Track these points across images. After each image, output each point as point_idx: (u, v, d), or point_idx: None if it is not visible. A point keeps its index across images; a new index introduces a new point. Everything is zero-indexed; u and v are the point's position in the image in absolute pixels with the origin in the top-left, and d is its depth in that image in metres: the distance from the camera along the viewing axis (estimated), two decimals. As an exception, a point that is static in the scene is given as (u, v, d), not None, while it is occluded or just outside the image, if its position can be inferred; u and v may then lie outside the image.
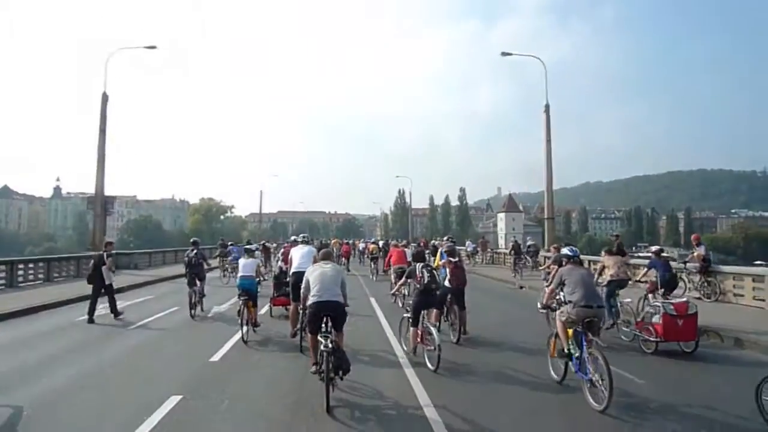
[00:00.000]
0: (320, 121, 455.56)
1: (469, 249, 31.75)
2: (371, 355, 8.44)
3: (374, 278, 21.34)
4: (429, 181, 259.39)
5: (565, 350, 6.35)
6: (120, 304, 12.55)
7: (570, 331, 6.37)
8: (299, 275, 7.92)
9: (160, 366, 7.93)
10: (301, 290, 6.79)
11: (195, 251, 13.16)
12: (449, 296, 9.55)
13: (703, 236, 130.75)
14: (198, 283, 12.62)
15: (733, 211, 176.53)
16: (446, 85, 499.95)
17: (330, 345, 5.84)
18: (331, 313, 6.38)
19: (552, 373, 6.85)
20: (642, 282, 10.94)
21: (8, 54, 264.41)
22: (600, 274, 10.62)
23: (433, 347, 7.26)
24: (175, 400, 5.99)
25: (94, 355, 8.70)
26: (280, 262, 13.61)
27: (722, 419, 5.54)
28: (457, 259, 10.03)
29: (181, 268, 15.07)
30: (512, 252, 24.94)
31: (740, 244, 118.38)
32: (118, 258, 20.73)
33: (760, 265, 28.63)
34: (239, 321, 9.42)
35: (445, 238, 12.43)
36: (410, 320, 8.03)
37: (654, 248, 11.41)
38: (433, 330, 7.44)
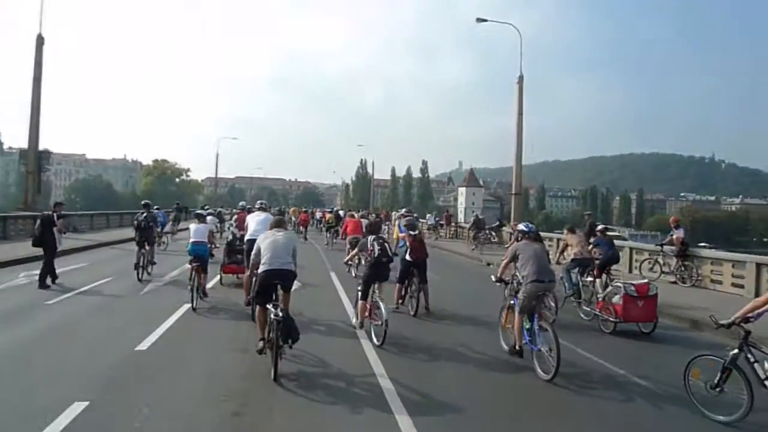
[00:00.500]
0: (282, 81, 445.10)
1: (430, 222, 31.67)
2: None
3: (330, 247, 21.62)
4: (390, 153, 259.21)
5: (517, 347, 6.54)
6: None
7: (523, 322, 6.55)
8: (254, 242, 7.48)
9: (74, 355, 6.43)
10: (252, 257, 6.71)
11: (145, 214, 12.87)
12: (412, 269, 9.39)
13: (653, 218, 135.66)
14: (147, 247, 12.39)
15: (681, 194, 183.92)
16: (411, 50, 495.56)
17: (280, 314, 5.69)
18: (282, 281, 6.29)
19: (502, 343, 7.04)
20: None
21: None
22: (562, 253, 10.62)
23: (380, 322, 7.08)
24: (78, 408, 4.65)
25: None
26: (233, 228, 13.35)
27: (660, 391, 5.79)
28: (416, 232, 9.86)
29: (126, 233, 14.56)
30: (474, 227, 25.06)
31: (687, 227, 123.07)
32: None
33: (704, 247, 29.67)
34: (189, 288, 9.11)
35: (402, 210, 12.10)
36: (359, 293, 7.82)
37: (600, 227, 11.39)
38: (382, 304, 7.20)
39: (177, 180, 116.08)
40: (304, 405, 5.09)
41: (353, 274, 8.25)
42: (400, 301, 9.50)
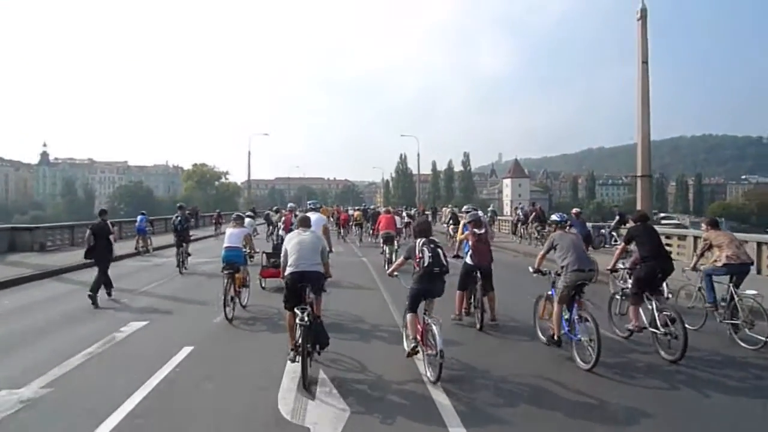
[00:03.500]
0: (319, 79, 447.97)
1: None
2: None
3: (361, 243, 23.35)
4: (427, 148, 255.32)
5: (556, 337, 6.62)
6: None
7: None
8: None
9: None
10: (281, 260, 6.44)
11: (179, 216, 14.76)
12: (476, 274, 8.05)
13: (715, 203, 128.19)
14: (184, 245, 14.55)
15: (743, 177, 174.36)
16: (447, 42, 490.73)
17: (307, 318, 5.49)
18: (311, 283, 6.02)
19: (540, 335, 7.13)
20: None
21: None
22: (702, 255, 8.21)
23: (434, 352, 5.45)
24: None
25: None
26: (281, 231, 13.08)
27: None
28: (482, 231, 8.25)
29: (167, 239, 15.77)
30: (535, 220, 22.65)
31: (754, 211, 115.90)
32: (15, 234, 19.56)
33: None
34: (222, 298, 8.38)
35: (464, 208, 10.37)
36: (407, 306, 6.20)
37: (574, 210, 11.46)
38: (435, 328, 5.51)
39: (216, 183, 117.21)
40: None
41: (403, 283, 6.67)
42: (464, 310, 8.31)
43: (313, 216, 8.80)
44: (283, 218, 13.94)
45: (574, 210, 14.74)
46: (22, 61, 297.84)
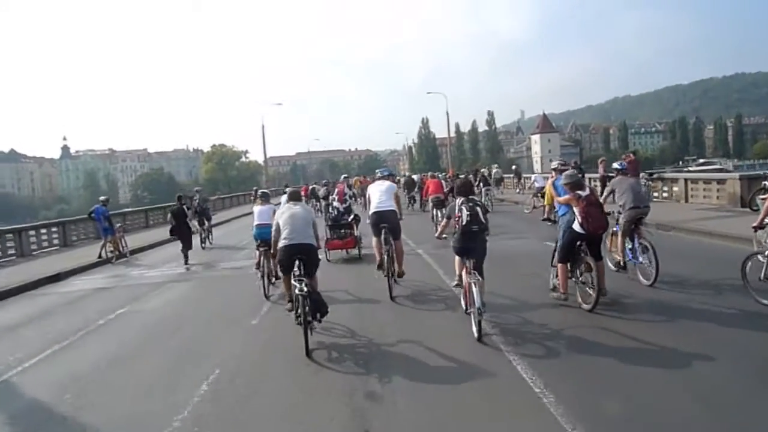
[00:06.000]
0: (336, 58, 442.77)
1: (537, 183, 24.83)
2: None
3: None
4: (445, 111, 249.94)
5: (622, 263, 7.94)
6: None
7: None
8: (381, 215, 8.29)
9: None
10: (272, 234, 6.62)
11: (197, 199, 16.86)
12: (579, 245, 6.77)
13: (758, 144, 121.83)
14: (206, 222, 16.77)
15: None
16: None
17: (305, 288, 5.73)
18: (303, 256, 6.23)
19: (609, 264, 7.94)
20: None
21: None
22: None
23: (473, 309, 5.73)
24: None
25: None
26: (335, 202, 12.56)
27: None
28: (587, 192, 6.82)
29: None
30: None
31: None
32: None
33: None
34: (259, 276, 8.85)
35: (554, 163, 8.75)
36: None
37: (554, 164, 10.04)
38: (475, 289, 5.69)
39: (236, 163, 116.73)
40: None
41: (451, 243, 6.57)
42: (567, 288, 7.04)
43: (384, 184, 8.87)
44: (336, 190, 13.55)
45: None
46: (34, 55, 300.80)
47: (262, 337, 6.72)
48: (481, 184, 21.20)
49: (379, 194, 8.44)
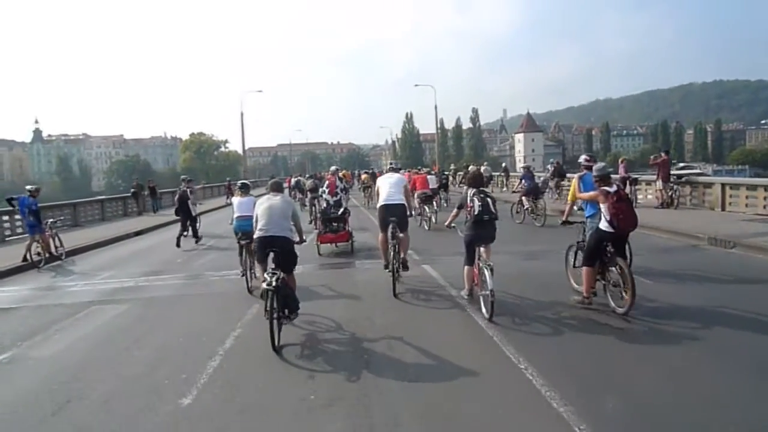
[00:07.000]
0: (319, 49, 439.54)
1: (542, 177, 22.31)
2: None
3: (367, 207, 22.11)
4: (431, 110, 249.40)
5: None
6: None
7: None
8: (389, 208, 8.22)
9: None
10: (253, 225, 6.49)
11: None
12: (605, 245, 6.35)
13: (736, 150, 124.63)
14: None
15: (763, 122, 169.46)
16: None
17: (273, 283, 5.52)
18: (277, 249, 6.03)
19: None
20: (516, 191, 16.43)
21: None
22: None
23: (486, 291, 6.18)
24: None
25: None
26: (326, 195, 12.20)
27: None
28: (615, 188, 6.36)
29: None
30: (555, 175, 21.65)
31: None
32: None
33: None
34: (241, 271, 8.83)
35: (580, 159, 8.07)
36: (465, 258, 7.06)
37: (523, 165, 10.86)
38: (487, 272, 6.18)
39: (215, 153, 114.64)
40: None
41: (459, 233, 7.20)
42: (592, 290, 6.58)
43: (393, 177, 8.81)
44: (327, 182, 13.10)
45: (523, 165, 14.31)
46: (7, 34, 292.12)
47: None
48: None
49: (388, 187, 8.37)
